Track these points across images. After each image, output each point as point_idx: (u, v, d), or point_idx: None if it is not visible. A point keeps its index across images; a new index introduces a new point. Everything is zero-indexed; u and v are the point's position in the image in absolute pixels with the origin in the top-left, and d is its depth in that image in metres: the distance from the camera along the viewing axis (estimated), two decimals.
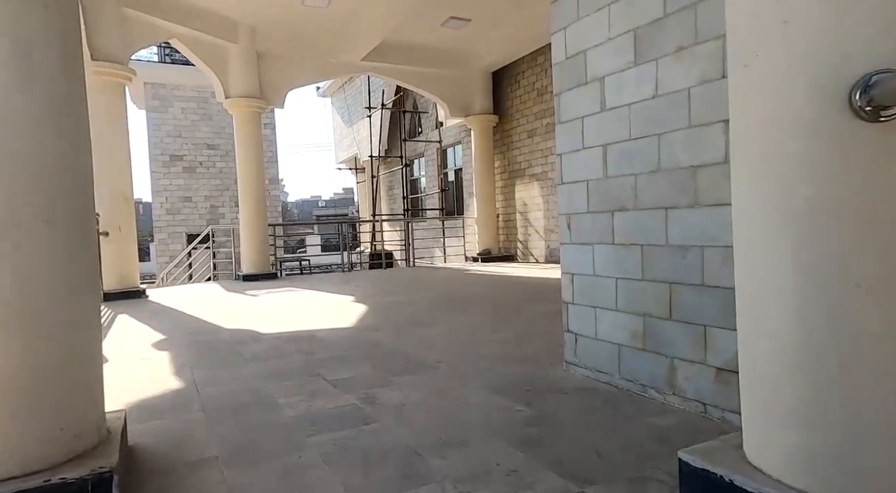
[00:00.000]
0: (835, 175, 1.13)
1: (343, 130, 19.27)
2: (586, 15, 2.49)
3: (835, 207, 1.13)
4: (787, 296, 1.19)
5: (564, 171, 2.70)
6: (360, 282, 8.25)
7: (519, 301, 5.38)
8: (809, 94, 1.14)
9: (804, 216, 1.16)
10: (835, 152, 1.13)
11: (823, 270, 1.14)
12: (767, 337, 1.24)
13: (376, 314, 4.90)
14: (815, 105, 1.13)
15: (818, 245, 1.15)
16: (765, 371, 1.26)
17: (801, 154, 1.16)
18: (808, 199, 1.15)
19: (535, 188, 10.63)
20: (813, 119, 1.14)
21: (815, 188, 1.14)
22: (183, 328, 4.51)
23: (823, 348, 1.14)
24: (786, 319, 1.20)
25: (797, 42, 1.15)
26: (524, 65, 10.58)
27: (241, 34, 8.88)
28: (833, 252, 1.13)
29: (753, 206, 1.27)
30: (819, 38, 1.12)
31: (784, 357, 1.21)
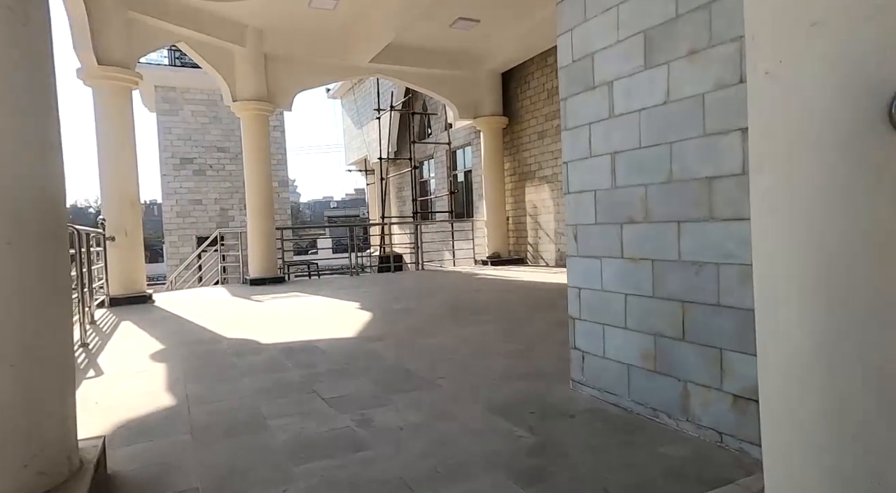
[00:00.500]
0: (868, 196, 1.00)
1: (353, 131, 19.23)
2: (594, 16, 2.36)
3: (868, 231, 1.00)
4: (810, 328, 1.06)
5: (571, 179, 2.57)
6: (367, 287, 8.15)
7: (528, 309, 5.25)
8: (841, 105, 1.00)
9: (832, 239, 1.02)
10: (869, 171, 0.99)
11: (852, 303, 1.00)
12: (791, 374, 1.11)
13: (380, 323, 4.79)
14: (847, 118, 1.00)
15: (848, 274, 1.01)
16: (788, 408, 1.13)
17: (829, 171, 1.02)
18: (837, 220, 1.02)
19: (545, 191, 10.48)
20: (845, 134, 1.00)
21: (845, 209, 1.01)
22: (184, 337, 4.44)
23: (853, 393, 1.01)
24: (809, 353, 1.06)
25: (828, 46, 1.01)
26: (534, 66, 10.42)
27: (249, 37, 8.83)
28: (864, 283, 0.99)
29: (775, 225, 1.14)
30: (854, 42, 0.98)
31: (811, 398, 1.07)
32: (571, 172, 2.57)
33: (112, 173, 7.04)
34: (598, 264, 2.43)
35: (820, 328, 1.04)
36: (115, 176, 7.04)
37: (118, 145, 7.06)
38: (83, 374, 3.32)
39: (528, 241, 11.06)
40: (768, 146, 1.14)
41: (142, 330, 4.91)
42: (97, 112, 6.99)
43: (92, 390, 2.95)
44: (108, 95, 6.99)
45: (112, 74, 6.93)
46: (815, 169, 1.05)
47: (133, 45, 7.27)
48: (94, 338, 4.57)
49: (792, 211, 1.09)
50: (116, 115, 7.07)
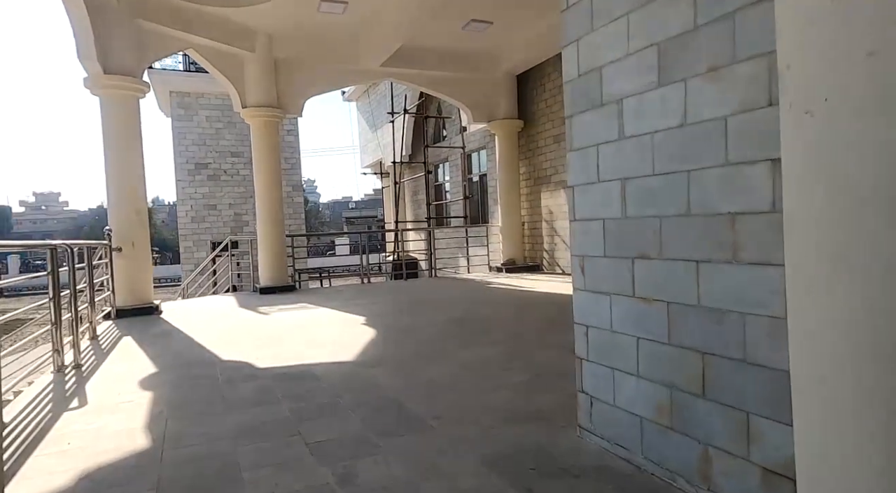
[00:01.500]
0: None
1: (368, 134, 19.11)
2: (601, 25, 2.11)
3: None
4: (868, 410, 0.81)
5: (577, 206, 2.33)
6: (376, 296, 7.97)
7: (538, 329, 4.99)
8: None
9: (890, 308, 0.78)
10: None
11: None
12: (839, 457, 0.87)
13: (382, 343, 4.59)
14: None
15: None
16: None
17: (885, 234, 0.78)
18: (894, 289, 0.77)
19: (561, 196, 10.18)
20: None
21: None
22: (179, 358, 4.29)
23: None
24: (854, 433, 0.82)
25: (888, 82, 0.77)
26: (550, 67, 10.13)
27: (258, 43, 8.72)
28: None
29: (817, 289, 0.89)
30: None
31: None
32: (578, 198, 2.32)
33: (119, 184, 6.96)
34: (606, 302, 2.18)
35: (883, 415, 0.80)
36: (122, 186, 6.97)
37: (125, 155, 6.99)
38: (67, 404, 3.18)
39: (544, 247, 10.77)
40: (806, 194, 0.90)
41: (140, 348, 4.78)
42: (104, 122, 6.92)
43: (70, 425, 2.79)
44: (114, 105, 6.91)
45: (119, 83, 6.85)
46: (868, 228, 0.80)
47: (141, 53, 7.19)
48: (91, 357, 4.46)
49: (839, 271, 0.84)
50: (123, 124, 6.99)
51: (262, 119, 8.98)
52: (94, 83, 6.79)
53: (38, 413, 3.01)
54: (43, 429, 2.76)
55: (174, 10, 7.45)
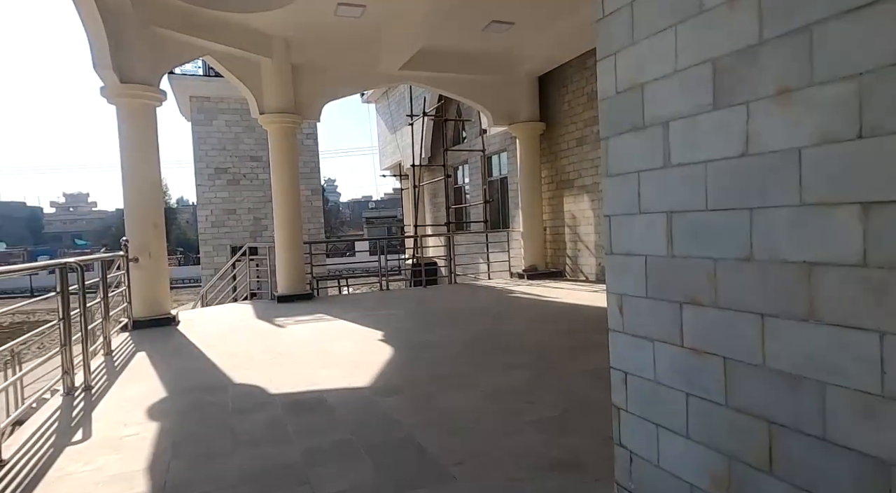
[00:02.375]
0: None
1: (387, 136, 18.98)
2: (644, 37, 1.86)
3: None
4: None
5: (614, 238, 2.08)
6: (394, 307, 7.79)
7: (564, 348, 4.73)
8: None
9: None
10: None
11: None
12: None
13: (399, 365, 4.39)
14: None
15: None
16: None
17: None
18: None
19: (584, 201, 9.87)
20: None
21: None
22: (190, 380, 4.15)
23: None
24: None
25: None
26: (572, 68, 9.82)
27: (275, 48, 8.60)
28: None
29: None
30: None
31: None
32: (616, 229, 2.07)
33: (135, 194, 6.89)
34: (649, 348, 1.94)
35: None
36: (139, 196, 6.89)
37: (142, 165, 6.91)
38: (70, 436, 3.04)
39: (567, 253, 10.48)
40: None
41: (152, 367, 4.66)
42: (120, 131, 6.86)
43: (68, 465, 2.64)
44: (131, 114, 6.84)
45: (135, 92, 6.77)
46: None
47: (157, 61, 7.10)
48: (102, 378, 4.34)
49: None
50: (140, 133, 6.91)
51: (279, 125, 8.87)
52: (111, 92, 6.72)
53: (39, 448, 2.88)
54: (42, 468, 2.62)
55: (190, 16, 7.35)
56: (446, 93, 10.88)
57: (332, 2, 7.51)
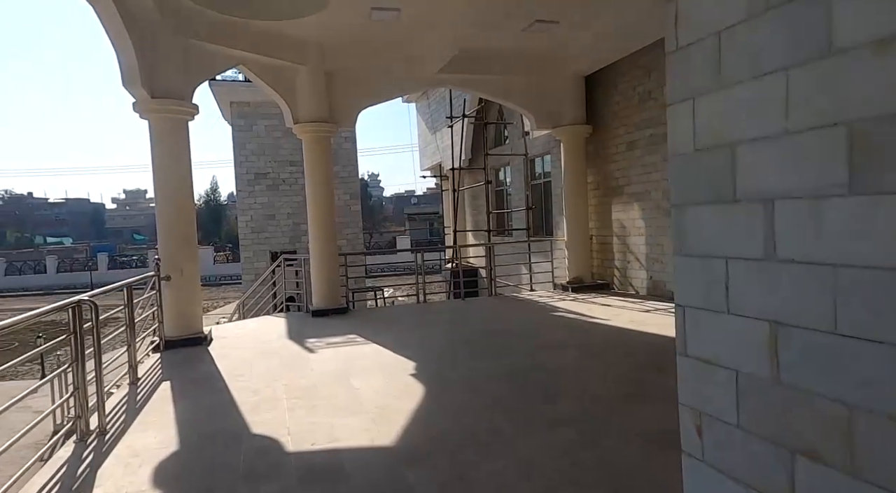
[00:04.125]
0: None
1: (427, 136, 18.63)
2: (738, 81, 1.37)
3: None
4: None
5: (689, 335, 1.60)
6: (430, 326, 7.43)
7: (617, 394, 4.22)
8: None
9: None
10: None
11: None
12: None
13: (429, 415, 3.99)
14: None
15: None
16: None
17: None
18: None
19: (634, 209, 9.21)
20: None
21: None
22: (205, 428, 3.89)
23: None
24: None
25: None
26: (623, 67, 9.14)
27: (309, 55, 8.33)
28: None
29: None
30: None
31: None
32: (691, 324, 1.59)
33: (168, 210, 6.76)
34: None
35: None
36: (171, 212, 6.76)
37: (174, 182, 6.77)
38: None
39: (615, 264, 9.84)
40: None
41: (173, 403, 4.45)
42: (153, 146, 6.73)
43: None
44: (162, 129, 6.70)
45: (166, 107, 6.62)
46: None
47: (189, 73, 6.93)
48: (121, 416, 4.15)
49: None
50: (172, 149, 6.77)
51: (314, 134, 8.63)
52: (142, 108, 6.59)
53: None
54: None
55: (221, 25, 7.14)
56: (487, 96, 10.41)
57: (366, 6, 7.14)
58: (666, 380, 4.51)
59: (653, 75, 8.55)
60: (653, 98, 8.57)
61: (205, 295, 30.11)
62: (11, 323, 3.24)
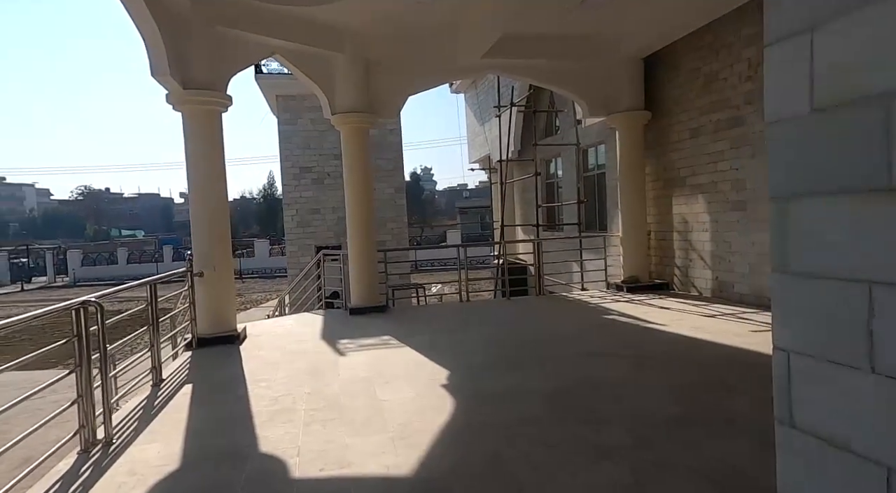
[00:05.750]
0: None
1: (476, 128, 18.08)
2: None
3: None
4: None
5: (798, 398, 1.05)
6: (471, 329, 6.95)
7: (678, 419, 3.60)
8: None
9: None
10: None
11: None
12: None
13: (457, 438, 3.52)
14: None
15: None
16: None
17: None
18: None
19: (698, 203, 8.36)
20: None
21: None
22: (212, 443, 3.58)
23: None
24: None
25: None
26: (685, 47, 8.29)
27: (347, 42, 7.97)
28: None
29: None
30: None
31: None
32: (802, 381, 1.04)
33: (201, 205, 6.59)
34: None
35: None
36: (204, 208, 6.59)
37: (206, 175, 6.59)
38: None
39: (676, 263, 9.01)
40: None
41: (188, 411, 4.19)
42: (186, 138, 6.56)
43: None
44: (195, 121, 6.52)
45: (198, 98, 6.43)
46: None
47: (223, 63, 6.71)
48: (132, 425, 3.92)
49: None
50: (204, 141, 6.58)
51: (352, 126, 8.30)
52: (175, 99, 6.43)
53: None
54: None
55: (255, 13, 6.88)
56: (535, 82, 9.77)
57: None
58: (736, 403, 3.83)
59: (720, 54, 7.68)
60: (721, 79, 7.70)
61: (259, 287, 30.93)
62: (12, 322, 3.04)
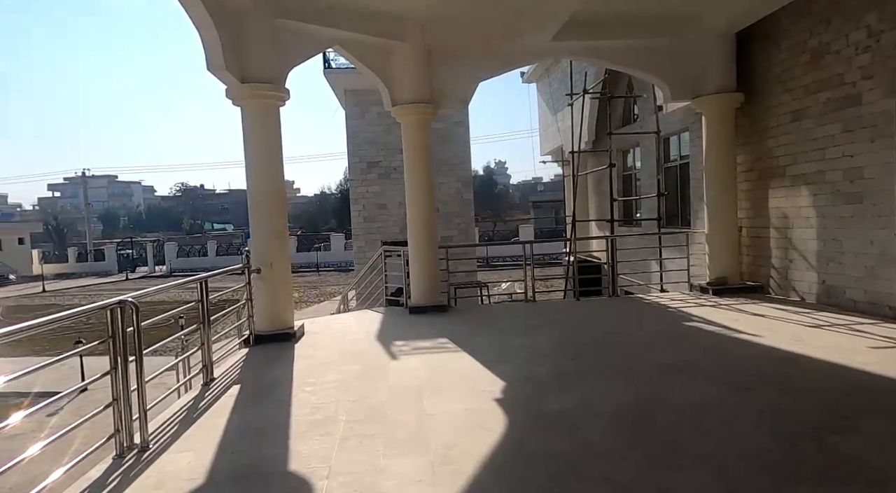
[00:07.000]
0: None
1: (548, 118, 17.33)
2: None
3: None
4: None
5: None
6: (536, 332, 6.44)
7: (776, 462, 2.95)
8: None
9: None
10: None
11: None
12: None
13: (506, 468, 3.07)
14: None
15: None
16: None
17: None
18: None
19: (801, 195, 7.32)
20: None
21: None
22: (243, 455, 3.35)
23: None
24: None
25: None
26: (788, 17, 7.25)
27: (408, 31, 7.66)
28: None
29: None
30: None
31: None
32: None
33: (259, 201, 6.51)
34: None
35: None
36: (262, 204, 6.51)
37: (264, 171, 6.51)
38: None
39: (773, 263, 7.99)
40: None
41: (228, 416, 4.02)
42: (244, 134, 6.50)
43: None
44: (253, 116, 6.44)
45: (256, 92, 6.33)
46: None
47: (281, 56, 6.58)
48: (171, 429, 3.80)
49: None
50: (262, 136, 6.49)
51: (414, 117, 8.00)
52: (234, 94, 6.37)
53: None
54: None
55: (314, 3, 6.68)
56: (611, 65, 9.00)
57: None
58: (856, 443, 3.05)
59: (833, 23, 6.62)
60: (832, 52, 6.64)
61: (334, 280, 31.73)
62: (43, 322, 2.95)
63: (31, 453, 2.70)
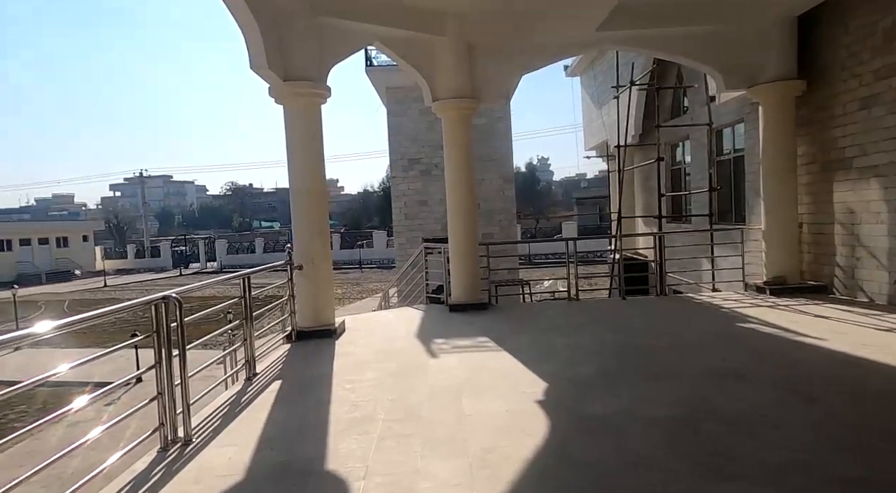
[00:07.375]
0: None
1: (592, 112, 16.89)
2: None
3: None
4: None
5: None
6: (579, 332, 6.25)
7: (845, 474, 2.71)
8: None
9: None
10: None
11: None
12: None
13: (545, 476, 2.94)
14: None
15: None
16: None
17: None
18: None
19: (870, 188, 6.82)
20: None
21: None
22: (281, 452, 3.35)
23: None
24: None
25: None
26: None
27: (449, 24, 7.55)
28: None
29: None
30: None
31: None
32: None
33: (301, 199, 6.56)
34: None
35: None
36: (304, 202, 6.56)
37: (306, 169, 6.55)
38: None
39: (837, 261, 7.48)
40: None
41: (269, 412, 4.04)
42: (286, 132, 6.57)
43: None
44: (295, 114, 6.50)
45: (298, 90, 6.37)
46: None
47: (323, 53, 6.60)
48: (215, 423, 3.85)
49: None
50: (304, 134, 6.54)
51: (454, 112, 7.91)
52: (276, 93, 6.44)
53: None
54: None
55: (356, 0, 6.70)
56: (660, 54, 8.65)
57: None
58: None
59: None
60: None
61: (376, 277, 32.07)
62: (88, 317, 3.02)
63: (90, 437, 2.81)
